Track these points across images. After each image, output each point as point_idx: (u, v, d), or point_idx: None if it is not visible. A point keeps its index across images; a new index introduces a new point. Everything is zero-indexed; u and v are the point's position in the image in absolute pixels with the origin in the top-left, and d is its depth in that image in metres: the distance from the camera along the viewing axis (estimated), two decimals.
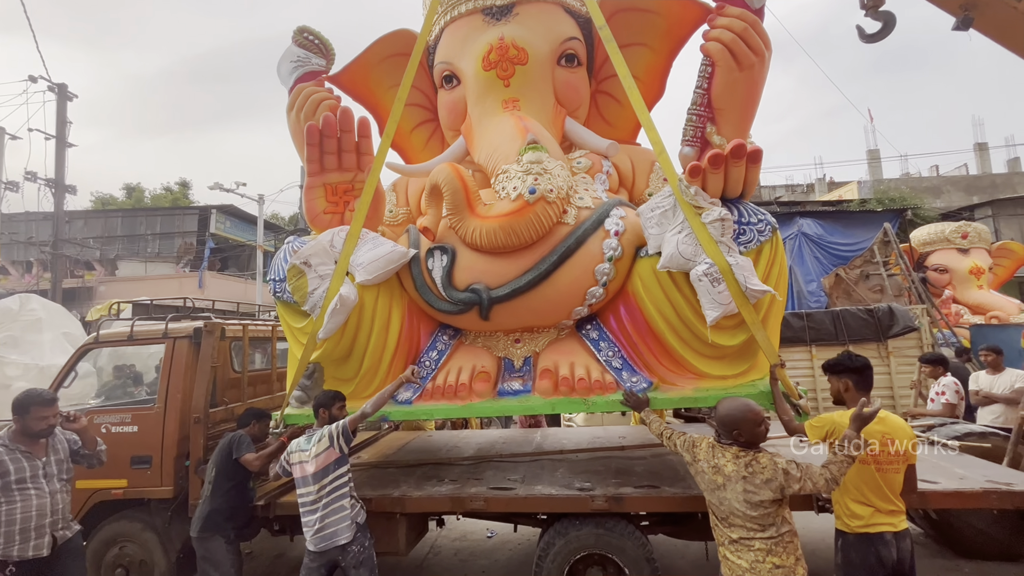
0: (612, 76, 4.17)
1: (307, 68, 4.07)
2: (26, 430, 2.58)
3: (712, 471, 2.14)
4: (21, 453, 2.55)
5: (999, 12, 3.30)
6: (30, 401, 2.59)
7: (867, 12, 3.69)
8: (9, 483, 2.48)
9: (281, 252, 3.33)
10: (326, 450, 2.65)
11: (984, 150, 24.23)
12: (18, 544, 2.47)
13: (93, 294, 16.81)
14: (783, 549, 2.02)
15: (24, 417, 2.57)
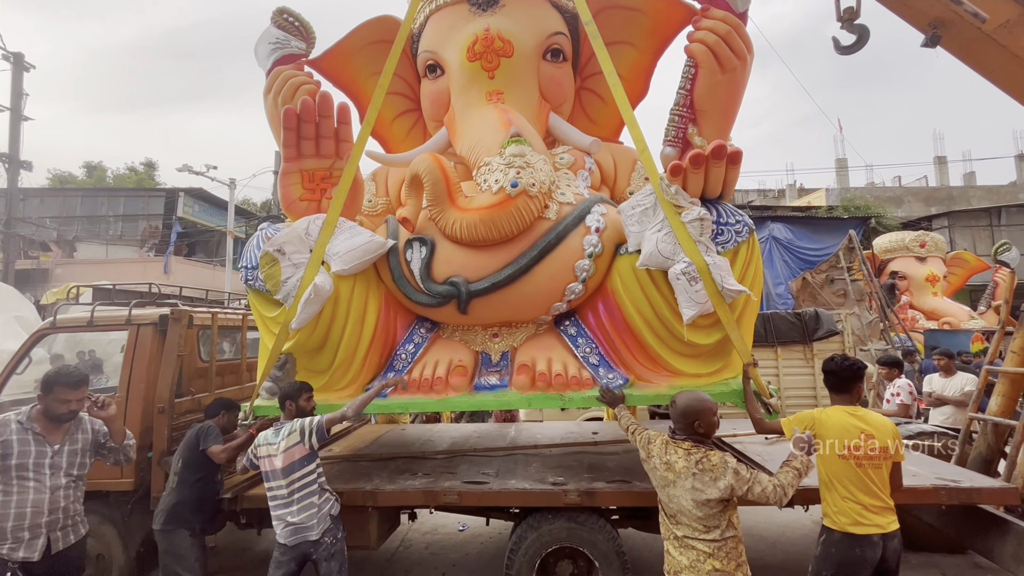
0: (597, 73, 4.18)
1: (286, 51, 3.95)
2: (47, 411, 2.33)
3: (664, 467, 2.12)
4: (34, 435, 2.28)
5: (965, 32, 3.44)
6: (56, 379, 2.33)
7: (843, 25, 3.80)
8: (8, 467, 2.21)
9: (254, 239, 3.23)
10: (296, 444, 2.58)
11: (943, 163, 25.39)
12: (9, 543, 2.19)
13: (49, 276, 15.99)
14: (725, 555, 2.01)
15: (47, 396, 2.31)
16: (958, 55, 3.64)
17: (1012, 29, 3.34)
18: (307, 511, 2.56)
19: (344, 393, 3.19)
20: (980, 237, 15.31)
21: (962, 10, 3.36)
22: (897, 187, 22.49)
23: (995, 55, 3.45)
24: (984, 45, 3.43)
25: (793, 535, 4.46)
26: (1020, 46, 3.33)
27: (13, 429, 2.25)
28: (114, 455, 2.57)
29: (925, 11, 3.52)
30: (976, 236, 15.37)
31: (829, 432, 2.32)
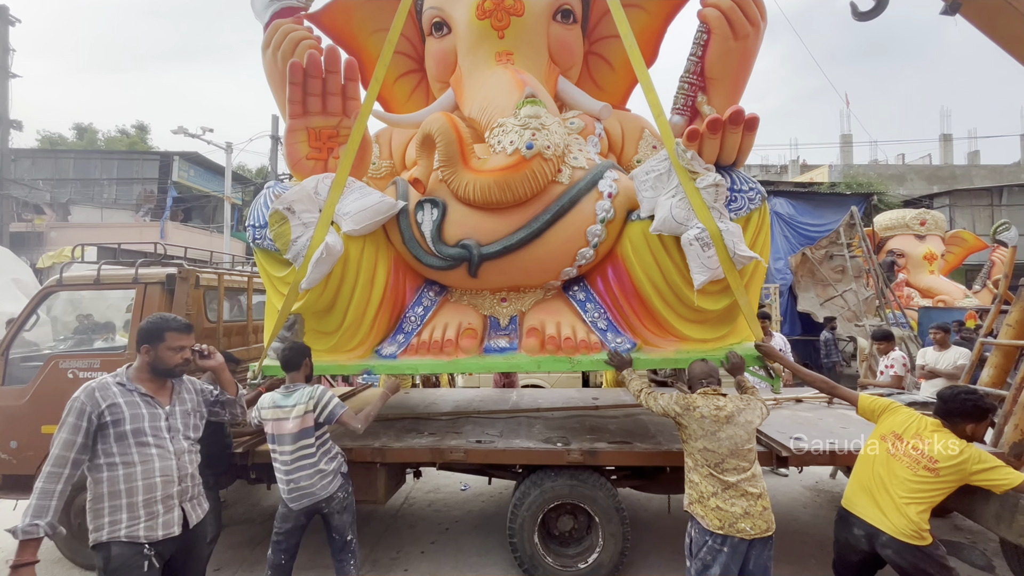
0: (605, 38, 4.08)
1: (284, 3, 3.81)
2: (157, 364, 2.00)
3: (715, 412, 2.35)
4: (141, 396, 1.95)
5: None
6: (165, 325, 2.01)
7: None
8: (124, 433, 1.87)
9: (261, 197, 3.20)
10: (309, 413, 2.57)
11: (948, 141, 25.17)
12: (144, 520, 1.87)
13: (43, 240, 15.84)
14: (764, 490, 2.30)
15: (156, 347, 1.98)
16: (978, 23, 3.56)
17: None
18: (314, 476, 2.58)
19: (354, 354, 3.23)
20: (980, 216, 15.33)
21: None
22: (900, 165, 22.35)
23: (1014, 24, 3.38)
24: (1004, 13, 3.36)
25: (783, 498, 4.64)
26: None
27: (115, 392, 1.91)
28: (230, 409, 2.33)
29: None
30: (976, 215, 15.39)
31: (886, 421, 2.36)
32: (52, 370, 3.43)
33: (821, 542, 3.73)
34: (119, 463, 1.87)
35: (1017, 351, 3.73)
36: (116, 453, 1.87)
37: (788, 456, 2.97)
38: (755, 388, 2.65)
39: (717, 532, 2.23)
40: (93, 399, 1.86)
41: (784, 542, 3.54)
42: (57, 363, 3.44)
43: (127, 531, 1.85)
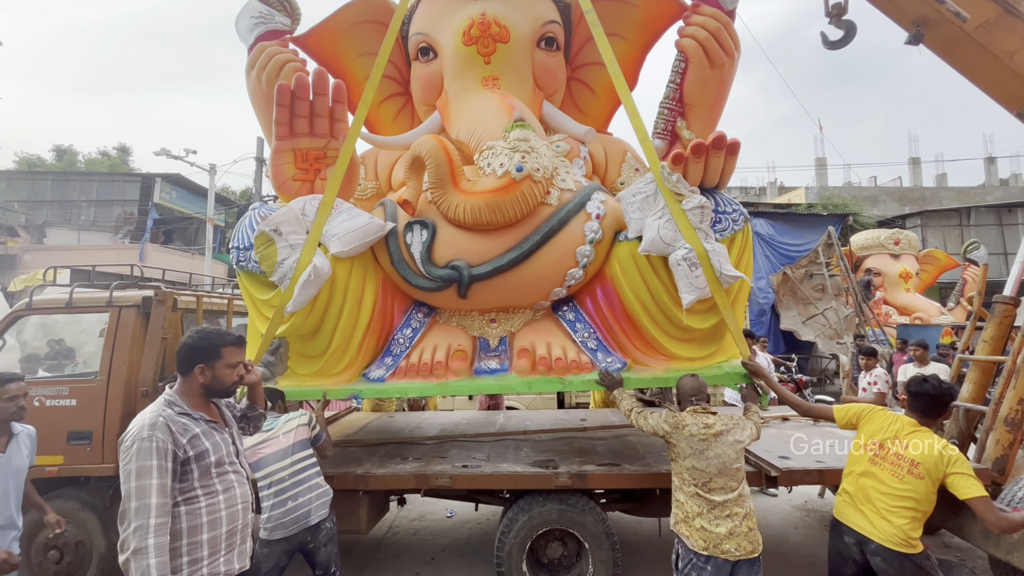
0: (587, 64, 4.20)
1: (269, 26, 3.84)
2: (214, 385, 1.82)
3: (703, 430, 2.35)
4: (206, 423, 1.79)
5: (947, 30, 3.55)
6: (221, 340, 1.84)
7: (831, 20, 3.89)
8: (208, 465, 1.71)
9: (246, 219, 3.16)
10: (302, 427, 2.59)
11: (917, 164, 26.22)
12: (224, 553, 1.72)
13: (16, 263, 15.38)
14: (751, 511, 2.30)
15: (213, 365, 1.80)
16: (940, 53, 3.75)
17: (991, 29, 3.45)
18: (312, 491, 2.52)
19: (340, 379, 3.16)
20: (951, 236, 15.88)
21: (944, 9, 3.46)
22: (873, 187, 23.16)
23: (975, 54, 3.56)
24: (965, 44, 3.54)
25: (773, 519, 4.61)
26: (998, 45, 3.45)
27: (185, 424, 1.72)
28: (255, 423, 2.20)
29: (909, 9, 3.61)
30: (947, 235, 15.94)
31: (865, 427, 2.37)
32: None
33: (812, 563, 3.70)
34: (201, 495, 1.69)
35: (994, 366, 3.81)
36: (198, 487, 1.69)
37: (777, 476, 2.96)
38: (758, 411, 2.67)
39: (701, 552, 2.22)
40: (171, 435, 1.66)
41: (775, 563, 3.51)
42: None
43: (209, 568, 1.67)
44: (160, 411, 1.71)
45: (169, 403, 1.76)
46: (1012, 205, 16.21)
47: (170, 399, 1.78)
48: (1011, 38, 3.45)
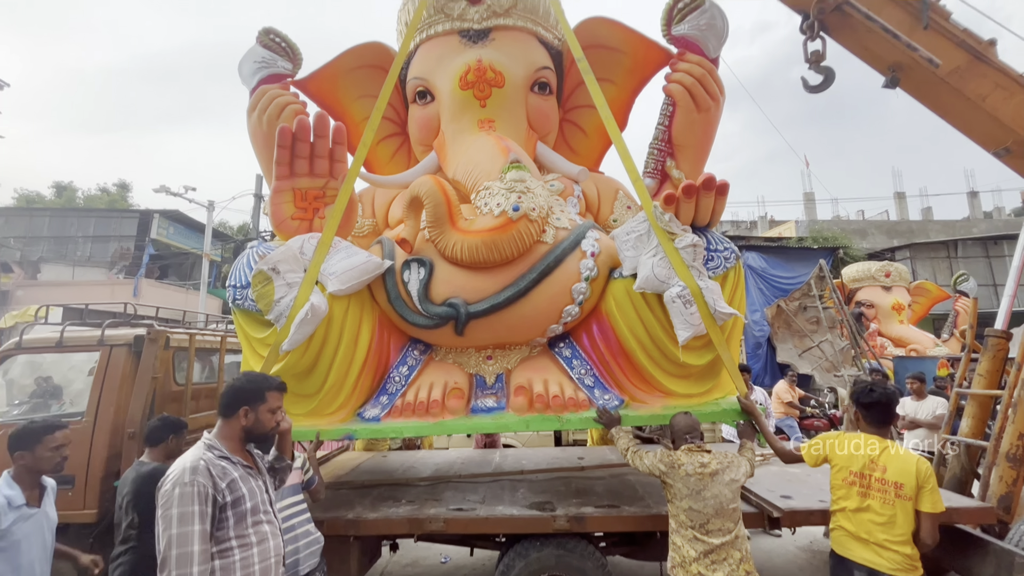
0: (579, 107, 4.37)
1: (271, 70, 3.99)
2: (254, 429, 1.80)
3: (699, 469, 2.32)
4: (244, 468, 1.75)
5: (921, 75, 3.73)
6: (266, 384, 1.85)
7: (811, 66, 4.09)
8: (244, 513, 1.68)
9: (244, 257, 3.18)
10: (297, 471, 2.52)
11: (902, 198, 26.88)
12: None
13: (8, 298, 15.27)
14: (748, 553, 2.26)
15: (256, 409, 1.80)
16: (916, 96, 3.92)
17: (962, 74, 3.63)
18: (303, 538, 2.42)
19: (335, 418, 3.11)
20: (940, 268, 16.12)
21: (918, 56, 3.65)
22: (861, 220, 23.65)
23: (949, 97, 3.73)
24: (939, 88, 3.71)
25: (779, 560, 4.47)
26: (971, 90, 3.61)
27: (224, 467, 1.69)
28: (281, 476, 2.14)
29: (884, 56, 3.81)
30: (936, 267, 16.18)
31: (838, 458, 2.36)
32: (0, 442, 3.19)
33: None
34: (235, 547, 1.63)
35: (992, 400, 3.80)
36: (233, 536, 1.64)
37: (780, 516, 2.89)
38: (753, 448, 2.64)
39: None
40: (211, 479, 1.62)
41: None
42: (6, 434, 3.20)
43: None
44: (201, 454, 1.68)
45: (209, 446, 1.73)
46: (997, 237, 16.54)
47: (210, 442, 1.75)
48: (982, 83, 3.62)
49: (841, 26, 3.85)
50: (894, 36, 3.67)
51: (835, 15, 3.80)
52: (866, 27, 3.74)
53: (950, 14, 3.70)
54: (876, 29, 3.70)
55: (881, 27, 3.70)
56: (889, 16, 3.72)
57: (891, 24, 3.70)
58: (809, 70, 4.12)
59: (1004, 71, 3.56)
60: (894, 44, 3.68)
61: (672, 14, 3.66)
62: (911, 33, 3.68)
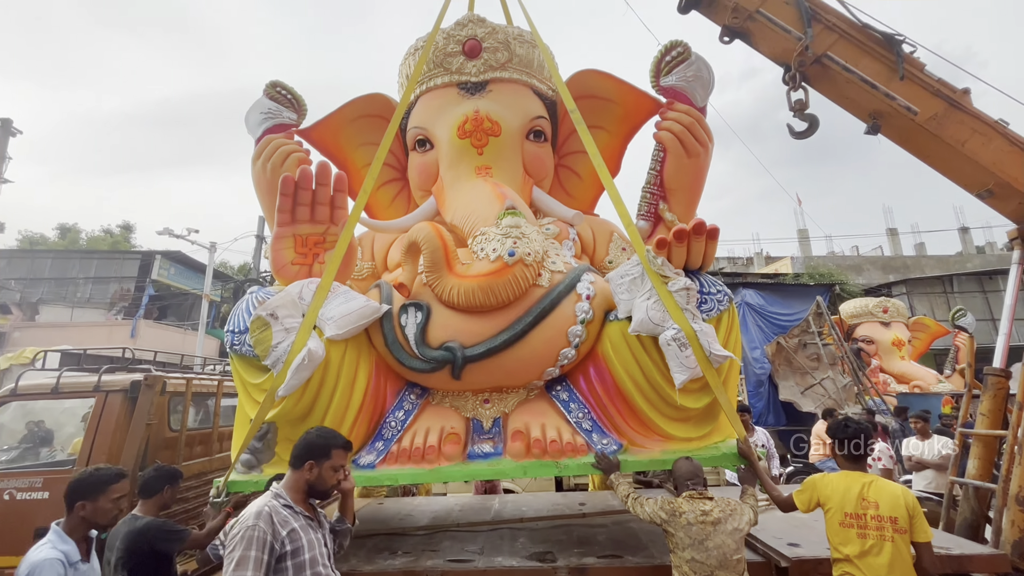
0: (574, 152, 4.53)
1: (277, 120, 4.16)
2: (317, 484, 1.85)
3: (701, 517, 2.26)
4: (305, 519, 1.80)
5: (900, 122, 3.89)
6: (333, 441, 1.90)
7: (795, 114, 4.26)
8: (303, 563, 1.70)
9: (243, 303, 3.21)
10: None
11: (895, 235, 27.25)
12: None
13: (5, 340, 15.18)
14: None
15: (321, 464, 1.84)
16: (897, 142, 4.07)
17: (940, 121, 3.78)
18: None
19: None
20: (937, 303, 16.17)
21: (896, 104, 3.82)
22: (856, 256, 23.89)
23: (929, 143, 3.87)
24: (919, 134, 3.86)
25: None
26: (949, 135, 3.76)
27: (287, 516, 1.74)
28: (341, 540, 2.13)
29: (864, 104, 3.98)
30: (933, 302, 16.24)
31: (831, 499, 2.32)
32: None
33: None
34: None
35: (996, 440, 3.75)
36: None
37: (788, 566, 2.80)
38: (755, 494, 2.59)
39: None
40: (273, 526, 1.67)
41: None
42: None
43: None
44: (267, 502, 1.75)
45: (276, 495, 1.81)
46: (992, 272, 16.68)
47: (277, 491, 1.83)
48: (960, 129, 3.77)
49: (821, 77, 4.05)
50: (872, 86, 3.85)
51: (815, 67, 3.99)
52: (845, 78, 3.93)
53: (924, 66, 3.90)
54: (855, 80, 3.89)
55: (859, 78, 3.89)
56: (866, 68, 3.92)
57: (868, 75, 3.89)
58: (794, 117, 4.29)
59: (980, 117, 3.71)
60: (873, 94, 3.85)
61: (660, 66, 3.85)
62: (888, 83, 3.86)
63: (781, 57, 4.13)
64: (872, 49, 3.93)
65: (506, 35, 4.19)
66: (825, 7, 4.04)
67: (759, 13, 4.05)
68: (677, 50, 3.76)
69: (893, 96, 3.83)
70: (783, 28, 4.02)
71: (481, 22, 4.24)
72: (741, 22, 4.11)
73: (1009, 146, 3.65)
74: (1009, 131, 3.70)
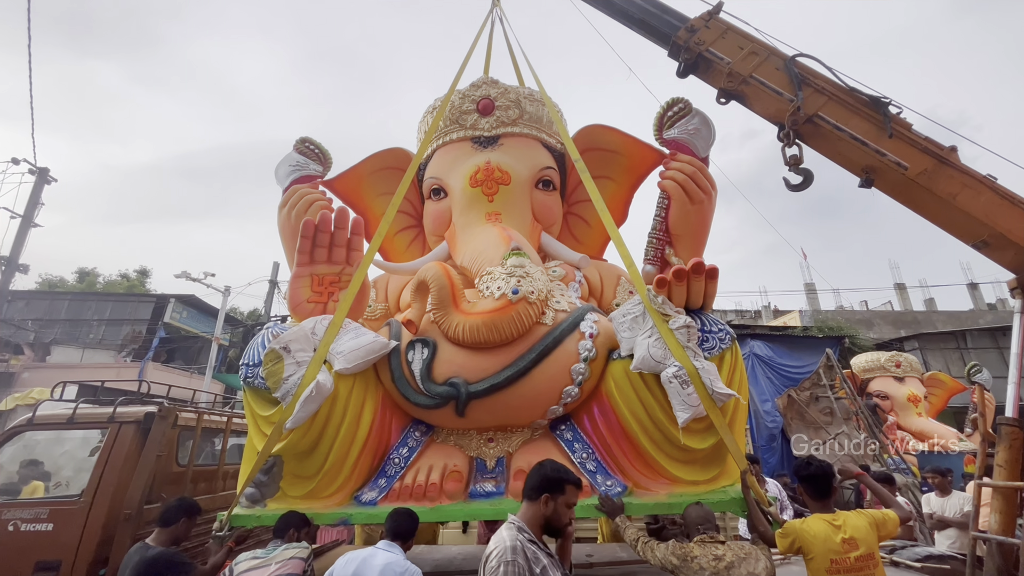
0: (581, 200, 4.75)
1: (304, 172, 4.48)
2: (552, 520, 1.83)
3: (713, 562, 2.22)
4: (548, 557, 1.76)
5: (893, 177, 4.07)
6: (567, 477, 1.88)
7: (791, 168, 4.48)
8: None
9: (259, 337, 3.32)
10: (296, 560, 2.44)
11: (903, 290, 27.12)
12: None
13: (14, 380, 15.30)
14: None
15: (555, 499, 1.83)
16: (891, 195, 4.23)
17: (931, 176, 3.95)
18: None
19: (331, 500, 3.05)
20: (951, 359, 15.86)
21: (887, 160, 4.01)
22: (865, 311, 23.72)
23: (922, 196, 4.03)
24: (911, 188, 4.03)
25: None
26: (941, 189, 3.92)
27: (536, 553, 1.72)
28: None
29: (856, 160, 4.18)
30: (947, 358, 15.93)
31: (813, 547, 2.28)
32: None
33: None
34: None
35: (1016, 492, 3.63)
36: None
37: None
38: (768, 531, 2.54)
39: None
40: (528, 562, 1.64)
41: None
42: (0, 513, 3.15)
43: None
44: (516, 535, 1.70)
45: (520, 528, 1.76)
46: (1006, 328, 16.45)
47: (520, 525, 1.78)
48: (951, 183, 3.93)
49: (814, 134, 4.29)
50: (862, 143, 4.07)
51: (808, 125, 4.24)
52: (836, 136, 4.16)
53: (911, 125, 4.13)
54: (845, 137, 4.12)
55: (849, 136, 4.13)
56: (856, 127, 4.16)
57: (858, 133, 4.12)
58: (790, 171, 4.50)
59: (968, 172, 3.88)
60: (864, 150, 4.06)
61: (663, 120, 4.11)
62: (878, 141, 4.08)
63: (775, 117, 4.39)
64: (860, 110, 4.18)
65: (517, 95, 4.53)
66: (814, 72, 4.35)
67: (752, 78, 4.36)
68: (679, 105, 4.04)
69: (883, 152, 4.04)
70: (775, 91, 4.31)
71: (494, 83, 4.61)
72: (736, 86, 4.41)
73: (999, 199, 3.79)
74: (998, 185, 3.85)
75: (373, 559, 2.31)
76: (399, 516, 2.54)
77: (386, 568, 2.25)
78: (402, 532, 2.50)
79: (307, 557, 2.55)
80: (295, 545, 2.60)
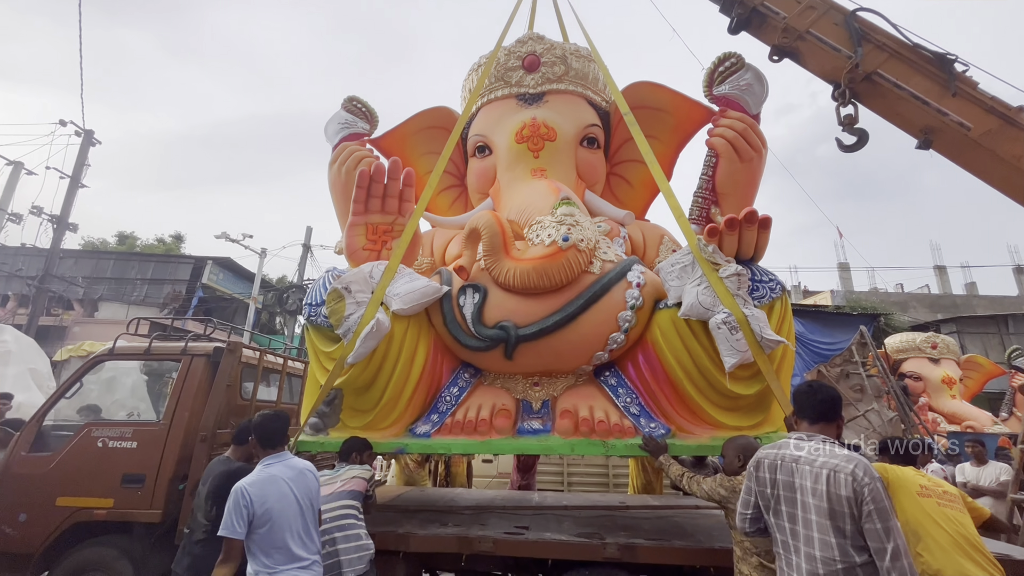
0: (624, 161, 4.74)
1: (352, 130, 4.58)
2: None
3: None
4: None
5: (954, 137, 3.93)
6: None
7: (844, 128, 4.36)
8: None
9: (320, 279, 3.50)
10: (359, 479, 2.69)
11: (944, 272, 26.07)
12: None
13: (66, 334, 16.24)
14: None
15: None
16: (950, 157, 4.09)
17: (995, 137, 3.79)
18: (348, 542, 2.53)
19: (388, 432, 3.26)
20: (991, 344, 15.37)
21: (949, 120, 3.87)
22: (901, 293, 22.95)
23: (983, 157, 3.88)
24: (972, 149, 3.88)
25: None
26: (1005, 151, 3.77)
27: None
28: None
29: (915, 120, 4.04)
30: (987, 342, 15.44)
31: (897, 479, 2.29)
32: (83, 438, 3.45)
33: None
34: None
35: None
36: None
37: None
38: None
39: None
40: None
41: None
42: (90, 431, 3.47)
43: None
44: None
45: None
46: None
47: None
48: (1016, 145, 3.77)
49: (871, 93, 4.15)
50: (924, 103, 3.93)
51: (865, 84, 4.10)
52: (896, 95, 4.01)
53: (977, 84, 3.96)
54: (906, 96, 3.98)
55: (910, 95, 3.98)
56: (917, 85, 4.00)
57: (919, 92, 3.97)
58: (843, 131, 4.38)
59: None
60: (924, 110, 3.92)
61: (713, 76, 4.03)
62: (940, 100, 3.92)
63: (830, 75, 4.25)
64: (923, 67, 4.01)
65: (563, 51, 4.50)
66: (875, 28, 4.17)
67: (809, 33, 4.22)
68: (731, 60, 3.95)
69: (945, 112, 3.89)
70: (833, 48, 4.16)
71: (540, 39, 4.58)
72: (791, 42, 4.27)
73: None
74: None
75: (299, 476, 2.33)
76: (271, 419, 2.45)
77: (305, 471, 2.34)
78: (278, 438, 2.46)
79: (369, 477, 2.77)
80: (358, 467, 2.83)
